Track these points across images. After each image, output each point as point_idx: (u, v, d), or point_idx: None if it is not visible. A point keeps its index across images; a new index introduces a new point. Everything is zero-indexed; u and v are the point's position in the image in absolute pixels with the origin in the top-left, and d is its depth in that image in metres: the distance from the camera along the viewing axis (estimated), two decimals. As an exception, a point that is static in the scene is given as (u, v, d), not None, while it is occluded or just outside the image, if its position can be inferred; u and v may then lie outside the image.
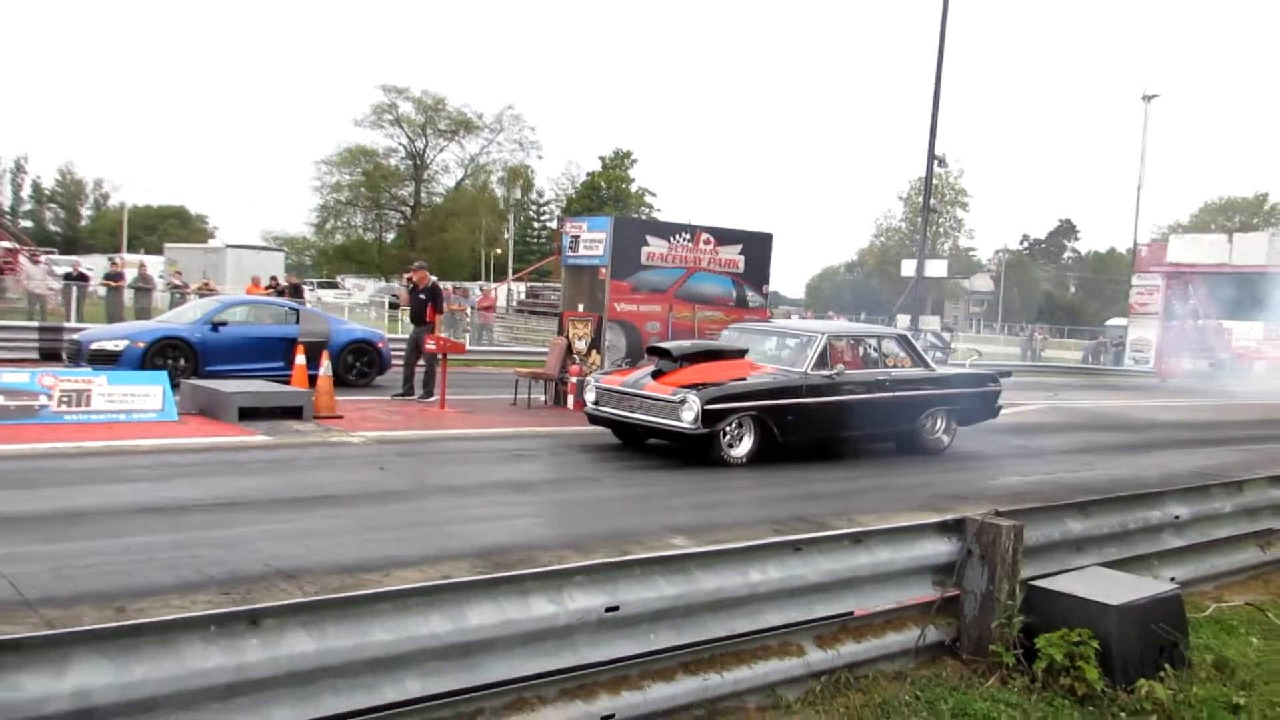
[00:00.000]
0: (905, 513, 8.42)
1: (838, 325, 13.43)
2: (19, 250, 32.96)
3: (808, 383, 10.76)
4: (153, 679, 2.85)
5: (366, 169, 71.33)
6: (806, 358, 10.94)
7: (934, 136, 19.01)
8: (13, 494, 7.51)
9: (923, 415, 11.91)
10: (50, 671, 2.70)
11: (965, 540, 5.37)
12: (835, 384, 10.92)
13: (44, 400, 10.59)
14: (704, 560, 4.44)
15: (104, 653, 2.82)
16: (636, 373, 11.17)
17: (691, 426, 10.00)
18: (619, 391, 10.90)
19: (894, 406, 11.53)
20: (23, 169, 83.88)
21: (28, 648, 2.68)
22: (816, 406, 10.80)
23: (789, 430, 10.58)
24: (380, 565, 6.11)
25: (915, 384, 11.89)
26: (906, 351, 12.36)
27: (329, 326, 15.99)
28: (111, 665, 2.81)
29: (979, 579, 5.29)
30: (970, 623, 5.34)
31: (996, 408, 12.97)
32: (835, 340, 11.41)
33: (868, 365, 11.61)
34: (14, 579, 5.35)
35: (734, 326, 13.00)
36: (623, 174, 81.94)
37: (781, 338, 11.79)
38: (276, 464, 9.45)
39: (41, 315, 22.58)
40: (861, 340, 12.08)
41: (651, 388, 10.57)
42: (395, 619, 3.43)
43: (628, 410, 10.77)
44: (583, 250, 14.99)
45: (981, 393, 12.75)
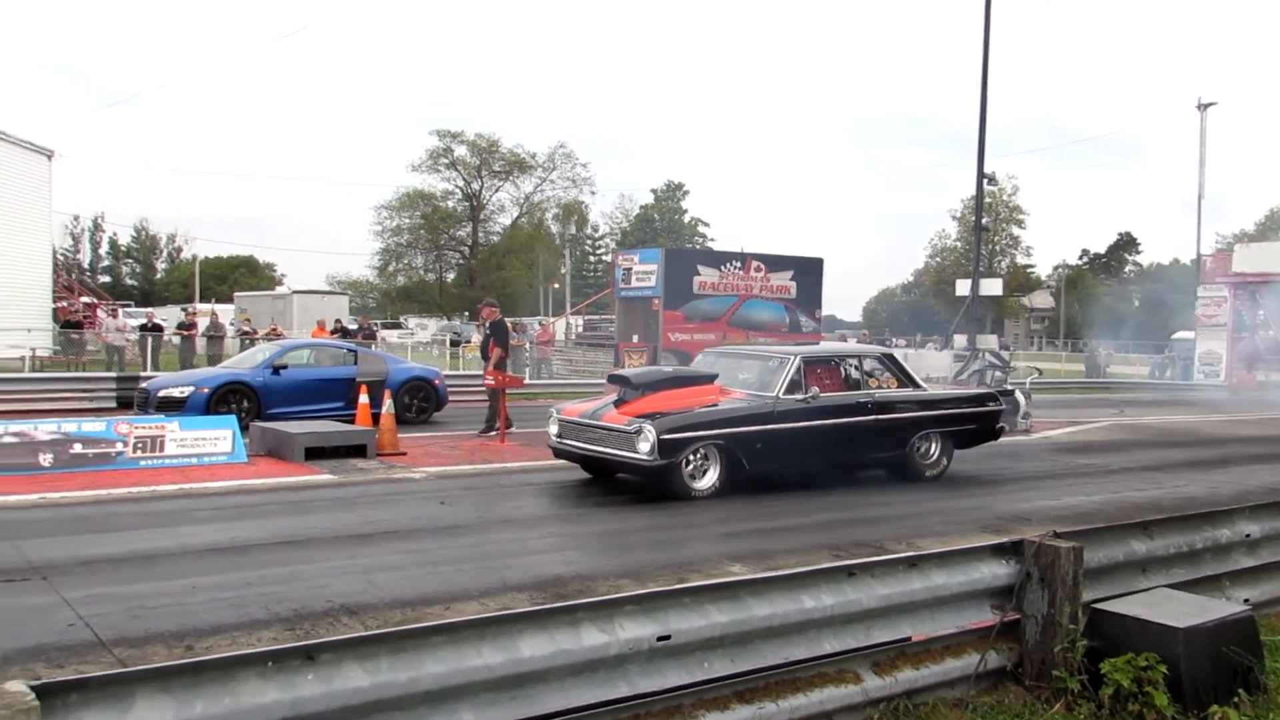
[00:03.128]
0: (965, 535, 8.32)
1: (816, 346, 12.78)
2: (97, 305, 34.12)
3: (779, 408, 10.11)
4: (212, 715, 2.93)
5: (425, 212, 72.83)
6: (778, 381, 10.31)
7: (982, 154, 18.88)
8: (91, 538, 7.75)
9: (913, 438, 11.23)
10: (114, 709, 2.79)
11: (1023, 563, 5.28)
12: (810, 408, 10.26)
13: (120, 447, 10.92)
14: (756, 587, 4.43)
15: (166, 690, 2.91)
16: (599, 403, 10.64)
17: (648, 458, 9.42)
18: (579, 423, 10.37)
19: (878, 430, 10.90)
20: (100, 227, 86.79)
21: (91, 687, 2.79)
22: (789, 433, 10.13)
23: (759, 459, 9.96)
24: (441, 599, 6.20)
25: (902, 405, 11.22)
26: (892, 371, 11.68)
27: (387, 366, 16.28)
28: (173, 702, 2.90)
29: (1039, 602, 5.19)
30: (1032, 647, 5.24)
31: (998, 429, 12.25)
32: (811, 362, 10.75)
33: (849, 387, 10.99)
34: (90, 620, 5.53)
35: (709, 350, 12.50)
36: (675, 205, 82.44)
37: (754, 361, 11.13)
38: (341, 501, 9.63)
39: (119, 365, 23.31)
40: (841, 361, 11.44)
41: (609, 418, 10.01)
42: (448, 651, 3.48)
43: (587, 443, 10.22)
44: (635, 282, 15.12)
45: (979, 413, 11.99)
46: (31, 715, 2.51)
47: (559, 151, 75.41)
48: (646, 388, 10.26)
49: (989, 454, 14.09)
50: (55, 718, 2.68)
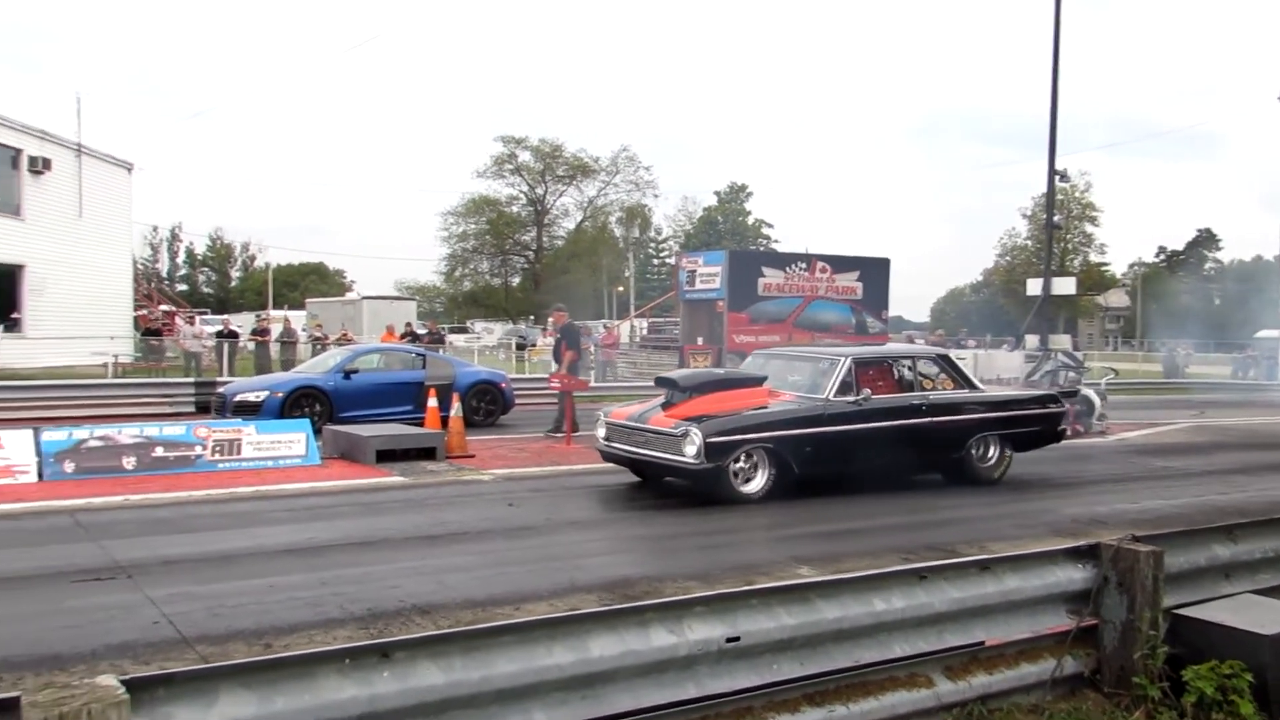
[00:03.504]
0: (1039, 539, 8.16)
1: (868, 347, 12.45)
2: (176, 312, 35.08)
3: (829, 410, 9.93)
4: (292, 710, 3.01)
5: (490, 217, 73.74)
6: (828, 383, 10.12)
7: (1053, 149, 18.46)
8: (172, 538, 7.98)
9: (969, 441, 10.94)
10: (199, 704, 2.88)
11: (1101, 567, 5.17)
12: (862, 411, 10.08)
13: (199, 450, 11.22)
14: (825, 590, 4.41)
15: (248, 685, 3.00)
16: (646, 405, 10.55)
17: (695, 462, 9.29)
18: (626, 426, 10.24)
19: (933, 433, 10.63)
20: (178, 237, 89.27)
21: (177, 682, 2.87)
22: (839, 436, 9.94)
23: (808, 463, 9.79)
24: (510, 600, 6.26)
25: (958, 407, 10.93)
26: (948, 372, 11.36)
27: (454, 370, 16.49)
28: (255, 698, 2.98)
29: (1118, 608, 5.08)
30: (1110, 653, 5.13)
31: (1060, 430, 11.93)
32: (862, 363, 10.54)
33: (902, 388, 10.74)
34: (173, 618, 5.69)
35: (759, 352, 12.28)
36: (739, 207, 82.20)
37: (805, 362, 10.92)
38: (411, 503, 9.78)
39: (197, 371, 23.92)
40: (895, 362, 11.18)
41: (656, 421, 9.90)
42: (519, 651, 3.52)
43: (635, 446, 10.10)
44: (700, 284, 15.12)
45: (1041, 414, 11.65)
46: (122, 708, 2.60)
47: (622, 155, 75.91)
48: (694, 390, 10.15)
49: (1063, 456, 13.82)
50: (144, 711, 2.77)
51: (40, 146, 28.12)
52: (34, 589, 6.37)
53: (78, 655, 5.04)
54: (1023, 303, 51.77)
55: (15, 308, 27.03)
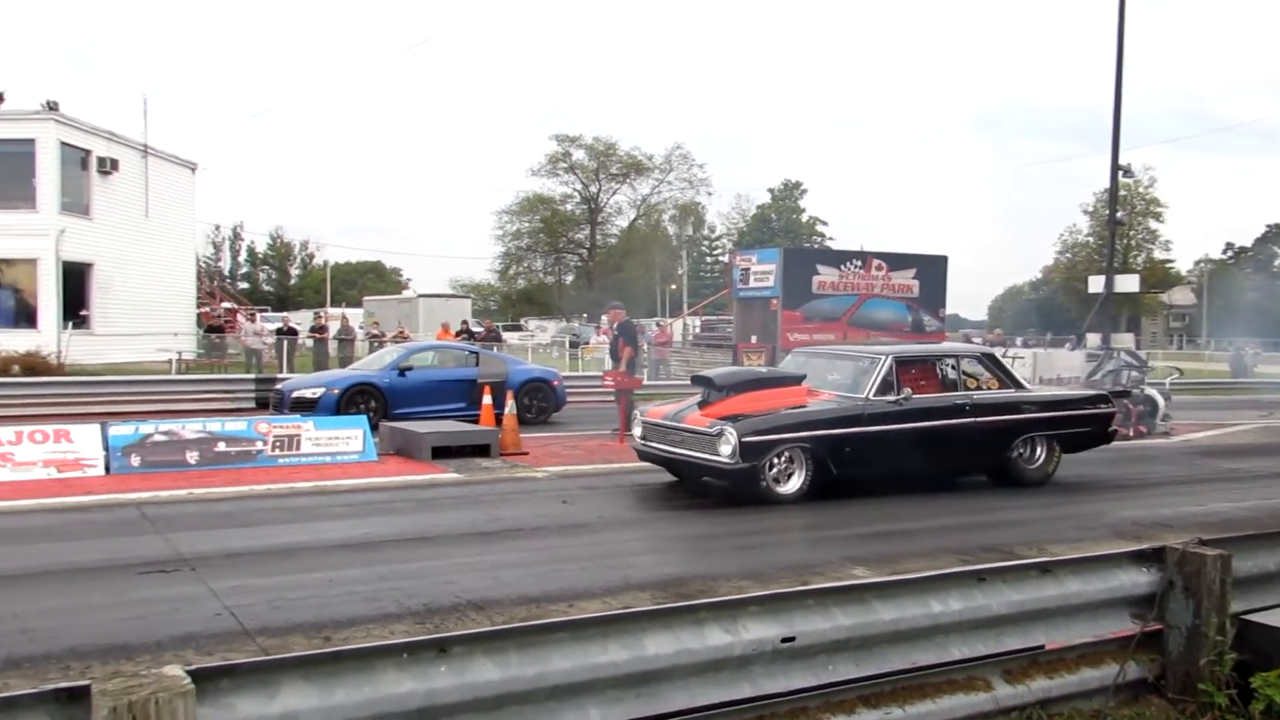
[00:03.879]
0: (1101, 541, 8.02)
1: (910, 345, 12.10)
2: (237, 310, 35.76)
3: (869, 410, 9.76)
4: (351, 703, 3.04)
5: (544, 216, 74.13)
6: (868, 382, 9.95)
7: (1117, 144, 18.05)
8: (234, 531, 8.15)
9: (1015, 442, 10.71)
10: (262, 695, 2.93)
11: (1166, 570, 5.05)
12: (903, 411, 9.89)
13: (260, 445, 11.43)
14: (882, 590, 4.36)
15: (309, 678, 3.04)
16: (683, 404, 10.47)
17: (730, 461, 9.19)
18: (662, 425, 10.16)
19: (977, 433, 10.43)
20: (239, 236, 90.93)
21: (239, 673, 2.93)
22: (879, 436, 9.78)
23: (847, 463, 9.65)
24: (565, 596, 6.30)
25: (1003, 407, 10.69)
26: (993, 371, 11.14)
27: (507, 368, 16.62)
28: (316, 690, 3.02)
29: (1183, 612, 4.96)
30: (1176, 659, 5.01)
31: (1110, 431, 11.62)
32: (904, 362, 10.32)
33: (945, 388, 10.53)
34: (235, 610, 5.81)
35: (799, 350, 12.11)
36: (793, 204, 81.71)
37: (844, 361, 10.75)
38: (466, 500, 9.87)
39: (257, 367, 24.38)
40: (937, 360, 10.92)
41: (691, 420, 9.79)
42: (575, 648, 3.53)
43: (671, 445, 10.01)
44: (753, 282, 15.06)
45: (1090, 414, 11.35)
46: (188, 698, 2.65)
47: (675, 153, 75.83)
48: (730, 389, 10.02)
49: (1125, 457, 13.59)
50: (209, 701, 2.83)
51: (108, 147, 28.85)
52: (102, 580, 6.53)
53: (143, 645, 5.16)
54: (1083, 301, 50.85)
55: (84, 305, 27.74)
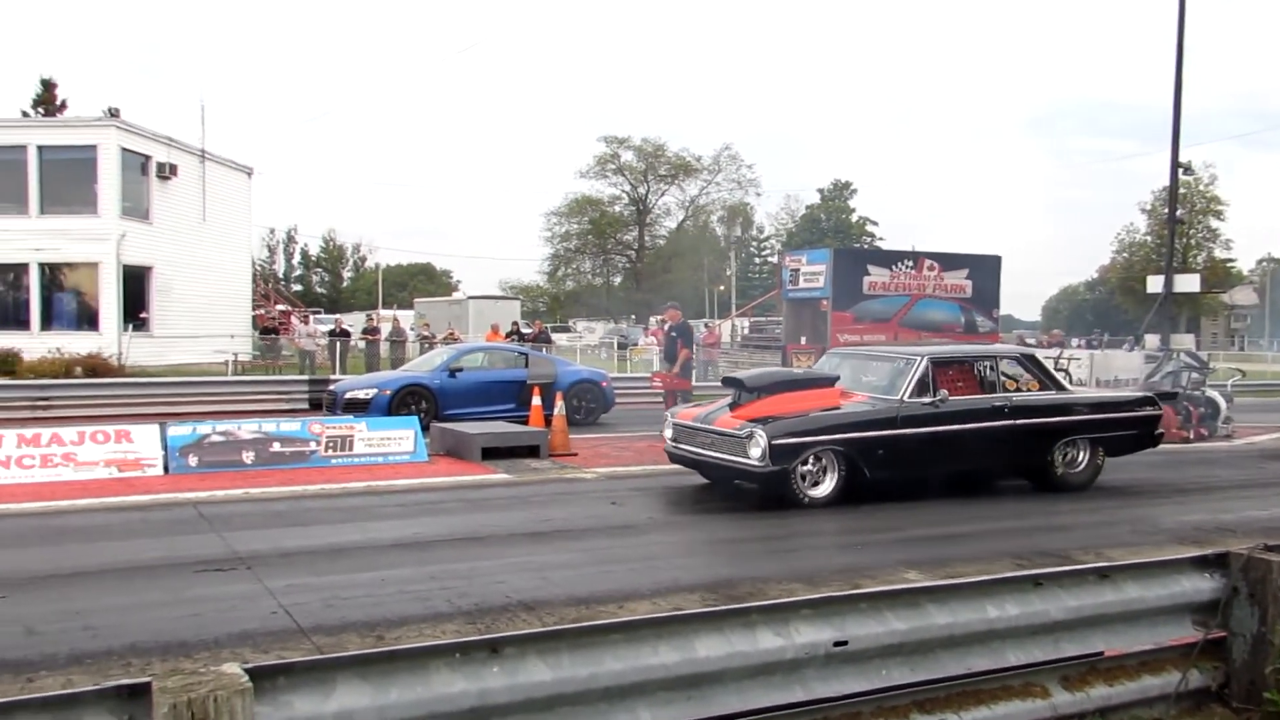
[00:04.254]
0: (1160, 547, 7.88)
1: (947, 346, 11.80)
2: (291, 312, 36.31)
3: (904, 412, 9.59)
4: (405, 702, 3.06)
5: (593, 217, 74.33)
6: (903, 384, 9.77)
7: (1177, 142, 17.69)
8: (289, 531, 8.26)
9: (1056, 445, 10.47)
10: (318, 694, 2.96)
11: (1230, 576, 4.93)
12: (939, 413, 9.71)
13: (314, 446, 11.58)
14: (936, 595, 4.31)
15: (364, 677, 3.07)
16: (714, 406, 10.33)
17: (760, 464, 9.07)
18: (691, 428, 10.04)
19: (1016, 436, 10.19)
20: (293, 239, 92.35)
21: (296, 671, 2.96)
22: (914, 439, 9.60)
23: (880, 467, 9.48)
24: (614, 597, 6.30)
25: (1044, 409, 10.46)
26: (1033, 373, 10.87)
27: (556, 369, 16.68)
28: (370, 689, 3.05)
29: (1248, 619, 4.84)
30: (1240, 667, 4.89)
31: (1157, 434, 11.29)
32: (940, 363, 10.12)
33: (984, 390, 10.29)
34: (290, 608, 5.88)
35: (833, 351, 11.94)
36: (842, 205, 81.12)
37: (879, 362, 10.57)
38: (516, 500, 9.92)
39: (311, 369, 24.72)
40: (975, 362, 10.65)
41: (721, 422, 9.67)
42: (626, 649, 3.53)
43: (700, 448, 9.90)
44: (803, 283, 14.97)
45: (1135, 417, 11.05)
46: (246, 696, 2.68)
47: (724, 154, 75.67)
48: (762, 390, 9.87)
49: (1185, 460, 13.34)
50: (266, 698, 2.86)
51: (167, 153, 29.44)
52: (161, 578, 6.66)
53: (201, 643, 5.25)
54: (1141, 301, 49.85)
55: (144, 308, 28.33)
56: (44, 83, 41.91)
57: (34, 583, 6.48)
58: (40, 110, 39.99)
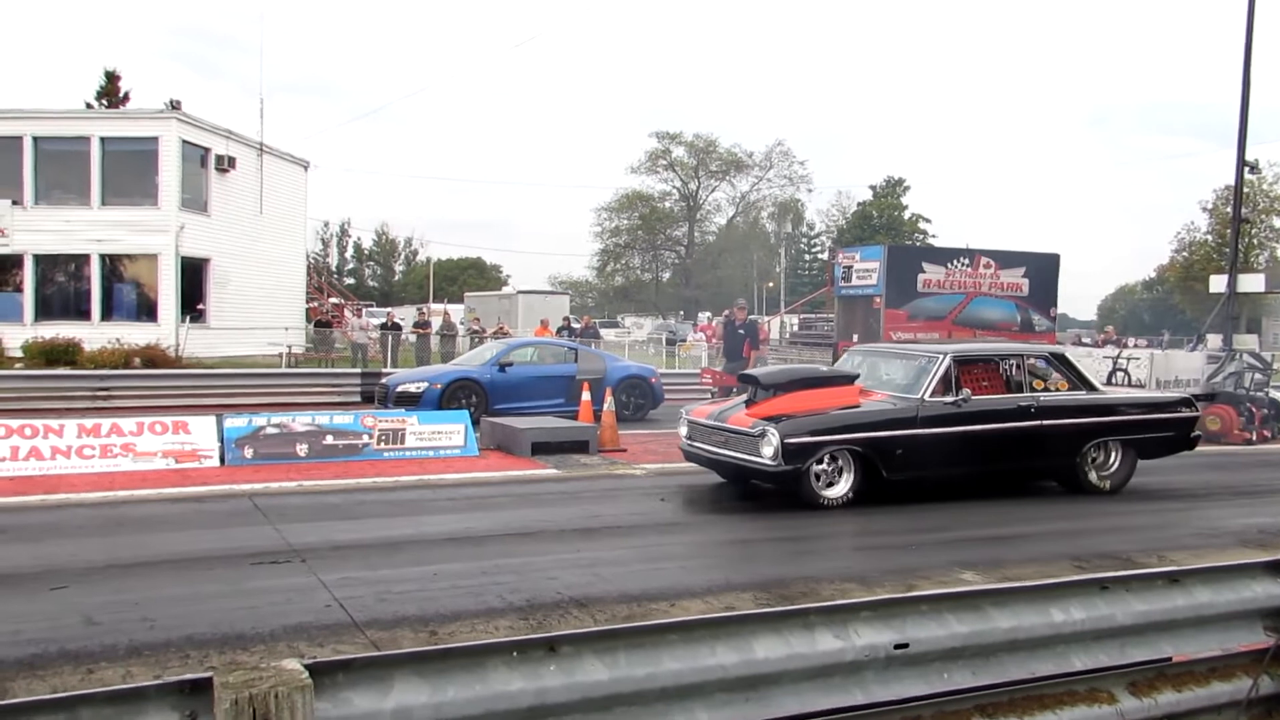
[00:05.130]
0: (1224, 550, 7.69)
1: (972, 344, 11.53)
2: (344, 305, 36.72)
3: (923, 412, 9.38)
4: (462, 699, 3.04)
5: (643, 213, 74.34)
6: (924, 383, 9.57)
7: (1243, 139, 17.22)
8: (342, 524, 8.32)
9: (1085, 447, 10.18)
10: (376, 690, 2.94)
11: (1304, 582, 4.78)
12: (961, 413, 9.49)
13: (366, 439, 11.68)
14: (998, 598, 4.21)
15: (421, 674, 3.05)
16: (730, 403, 10.21)
17: (773, 463, 8.92)
18: (705, 426, 9.90)
19: (1043, 437, 9.92)
20: (347, 232, 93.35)
21: (355, 668, 2.95)
22: (934, 439, 9.37)
23: (898, 467, 9.28)
24: (666, 595, 6.26)
25: (1073, 410, 10.17)
26: (1063, 372, 10.56)
27: (605, 365, 16.66)
28: (428, 686, 3.03)
29: (1323, 627, 4.69)
30: (1314, 676, 4.73)
31: (1193, 436, 10.91)
32: (964, 361, 9.94)
33: (1010, 389, 10.08)
34: (344, 602, 5.92)
35: (855, 349, 11.70)
36: (895, 202, 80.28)
37: (901, 360, 10.33)
38: (566, 496, 9.91)
39: (363, 362, 24.98)
40: (1001, 360, 10.41)
41: (735, 420, 9.51)
42: (684, 649, 3.48)
43: (714, 446, 9.75)
44: (856, 280, 14.81)
45: (1168, 419, 10.72)
46: (306, 692, 2.68)
47: (776, 150, 75.34)
48: (778, 388, 9.67)
49: (1248, 463, 13.03)
50: (325, 694, 2.85)
51: (226, 146, 29.86)
52: (217, 569, 6.73)
53: (257, 635, 5.29)
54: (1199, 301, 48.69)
55: (201, 299, 28.80)
56: (108, 74, 42.61)
57: (93, 573, 6.59)
58: (104, 102, 40.71)
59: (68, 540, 7.56)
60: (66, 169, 27.75)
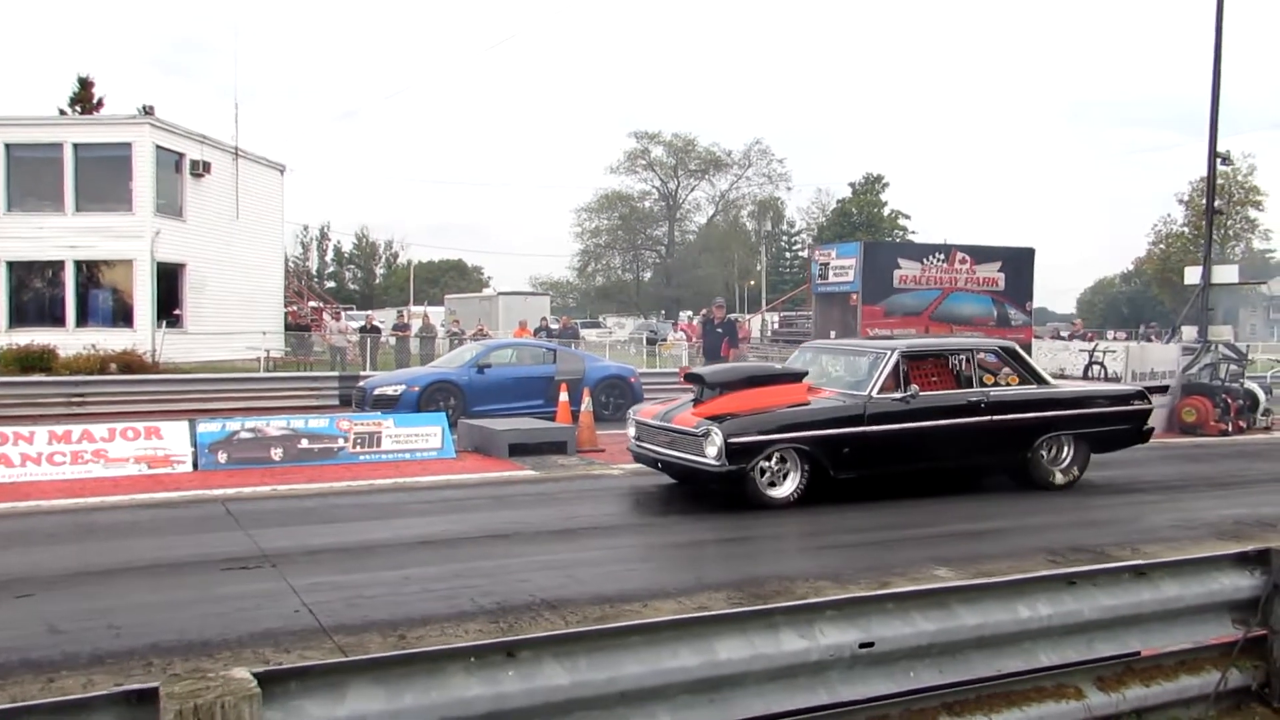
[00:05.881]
0: (1200, 542, 7.71)
1: (922, 339, 11.44)
2: (323, 309, 36.55)
3: (871, 409, 9.25)
4: (419, 706, 3.01)
5: (623, 213, 74.29)
6: (872, 379, 9.45)
7: (1214, 131, 17.30)
8: (316, 528, 8.26)
9: (1037, 442, 10.07)
10: (330, 698, 2.91)
11: (1270, 573, 4.79)
12: (909, 409, 9.38)
13: (342, 442, 11.61)
14: (965, 595, 4.20)
15: (377, 681, 3.02)
16: (676, 403, 10.03)
17: (716, 463, 8.76)
18: (652, 426, 9.74)
19: (993, 432, 9.80)
20: (326, 235, 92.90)
21: (309, 676, 2.91)
22: (882, 437, 9.25)
23: (846, 465, 9.16)
24: (639, 596, 6.24)
25: (1022, 405, 10.06)
26: (1013, 366, 10.48)
27: (584, 365, 16.63)
28: (384, 693, 3.00)
29: (1289, 618, 4.70)
30: (1282, 667, 4.75)
31: (1146, 430, 10.78)
32: (913, 357, 9.85)
33: (960, 384, 10.01)
34: (313, 607, 5.86)
35: (806, 346, 11.60)
36: (874, 199, 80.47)
37: (850, 356, 10.24)
38: (543, 497, 9.87)
39: (341, 365, 24.83)
40: (951, 355, 10.35)
41: (679, 420, 9.34)
42: (645, 652, 3.45)
43: (660, 446, 9.58)
44: (833, 277, 14.82)
45: (1121, 412, 10.62)
46: (254, 702, 2.64)
47: (755, 148, 75.40)
48: (725, 386, 9.54)
49: (1225, 454, 13.10)
50: (276, 704, 2.81)
51: (201, 150, 29.64)
52: (187, 575, 6.67)
53: (224, 642, 5.23)
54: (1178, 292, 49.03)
55: (177, 304, 28.59)
56: (81, 81, 42.14)
57: (62, 580, 6.51)
58: (78, 108, 40.32)
59: (35, 548, 7.48)
60: (39, 175, 27.51)
